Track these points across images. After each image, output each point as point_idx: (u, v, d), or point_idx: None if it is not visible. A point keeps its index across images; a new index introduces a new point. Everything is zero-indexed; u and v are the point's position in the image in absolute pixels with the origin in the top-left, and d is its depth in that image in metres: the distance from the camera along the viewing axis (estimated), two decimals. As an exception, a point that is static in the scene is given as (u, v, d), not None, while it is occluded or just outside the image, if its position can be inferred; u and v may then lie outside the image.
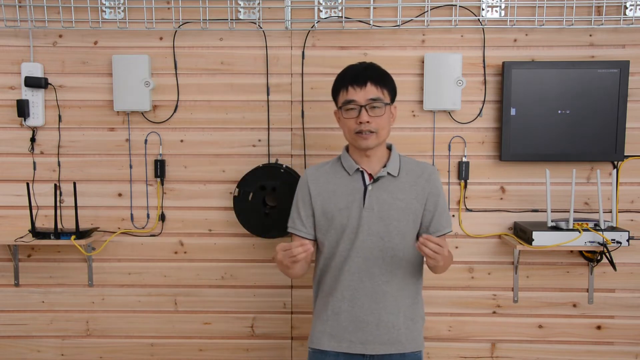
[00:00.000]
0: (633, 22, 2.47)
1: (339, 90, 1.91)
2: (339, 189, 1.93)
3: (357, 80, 1.87)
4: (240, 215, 2.50)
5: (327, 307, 1.94)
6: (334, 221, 1.91)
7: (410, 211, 1.92)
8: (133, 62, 2.50)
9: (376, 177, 1.92)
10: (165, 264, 2.63)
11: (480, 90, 2.53)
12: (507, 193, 2.57)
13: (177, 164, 2.60)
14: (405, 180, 1.93)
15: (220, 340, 2.66)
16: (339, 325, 1.92)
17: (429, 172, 1.97)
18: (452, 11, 2.49)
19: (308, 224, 1.97)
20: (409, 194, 1.92)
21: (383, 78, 1.91)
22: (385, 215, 1.89)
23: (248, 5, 2.50)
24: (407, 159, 2.00)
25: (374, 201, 1.90)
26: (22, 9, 2.52)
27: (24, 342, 2.68)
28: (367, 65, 1.94)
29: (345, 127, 1.91)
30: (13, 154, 2.60)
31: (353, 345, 1.91)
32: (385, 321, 1.90)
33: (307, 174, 2.00)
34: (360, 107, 1.86)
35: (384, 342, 1.91)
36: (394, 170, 1.93)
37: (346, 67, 1.97)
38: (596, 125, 2.46)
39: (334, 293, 1.93)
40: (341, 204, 1.91)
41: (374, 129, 1.86)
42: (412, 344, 1.94)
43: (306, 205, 1.97)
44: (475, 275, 2.61)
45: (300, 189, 2.00)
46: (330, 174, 1.97)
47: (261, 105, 2.56)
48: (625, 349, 2.61)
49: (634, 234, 2.54)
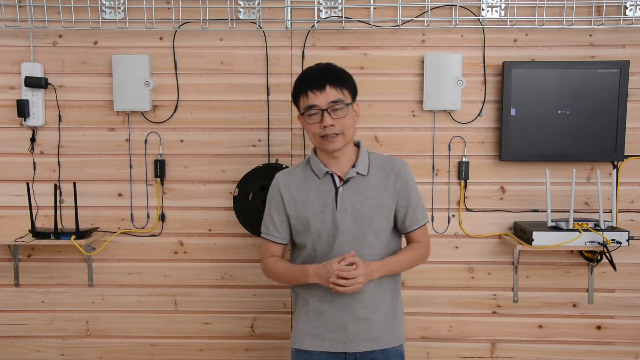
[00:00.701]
0: (633, 22, 2.47)
1: (298, 96, 1.89)
2: (311, 193, 1.93)
3: (316, 85, 1.85)
4: (240, 215, 2.50)
5: (308, 308, 1.95)
6: (309, 226, 1.91)
7: (384, 209, 1.91)
8: (133, 62, 2.50)
9: (346, 178, 1.91)
10: (165, 264, 2.63)
11: (480, 90, 2.53)
12: (507, 193, 2.57)
13: (177, 164, 2.60)
14: (375, 178, 1.93)
15: (220, 340, 2.66)
16: (320, 325, 1.93)
17: (399, 167, 1.96)
18: (452, 11, 2.49)
19: (282, 229, 1.97)
20: (381, 192, 1.92)
21: (341, 78, 1.89)
22: (358, 215, 1.89)
23: (248, 5, 2.50)
24: (376, 155, 1.99)
25: (347, 203, 1.89)
26: (22, 9, 2.52)
27: (24, 342, 2.68)
28: (324, 67, 1.92)
29: (309, 132, 1.89)
30: (13, 154, 2.60)
31: (335, 344, 1.92)
32: (366, 319, 1.91)
33: (277, 179, 1.98)
34: (322, 111, 1.84)
35: (366, 340, 1.91)
36: (363, 170, 1.92)
37: (303, 70, 1.96)
38: (596, 125, 2.46)
39: (314, 294, 1.93)
40: (315, 208, 1.91)
41: (339, 130, 1.85)
42: (393, 339, 1.95)
43: (280, 211, 1.96)
44: (475, 275, 2.61)
45: (272, 195, 1.98)
46: (300, 179, 1.96)
47: (261, 105, 2.56)
48: (625, 349, 2.61)
49: (634, 234, 2.54)
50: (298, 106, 1.92)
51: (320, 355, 1.93)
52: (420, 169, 2.56)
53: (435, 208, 2.58)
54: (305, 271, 1.89)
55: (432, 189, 2.57)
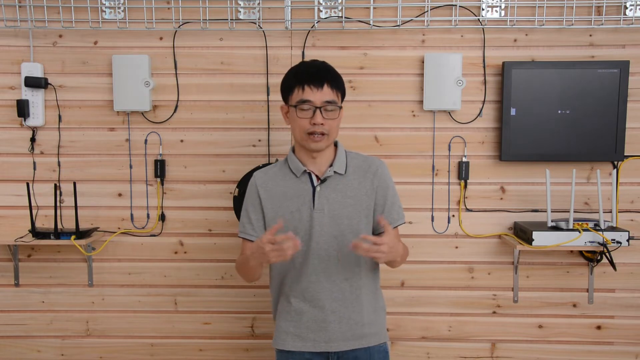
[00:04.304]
0: (633, 22, 2.47)
1: (293, 87, 1.87)
2: (288, 191, 1.92)
3: (315, 81, 1.84)
4: (240, 216, 2.49)
5: (289, 309, 1.93)
6: (286, 225, 1.88)
7: (361, 207, 1.90)
8: (133, 62, 2.50)
9: (323, 177, 1.90)
10: (165, 264, 2.64)
11: (480, 90, 2.53)
12: (507, 193, 2.57)
13: (177, 164, 2.60)
14: (353, 177, 1.92)
15: (220, 340, 2.66)
16: (302, 326, 1.91)
17: (376, 165, 1.94)
18: (452, 11, 2.49)
19: (258, 227, 1.95)
20: (358, 191, 1.91)
21: (338, 81, 1.89)
22: (336, 214, 1.88)
23: (248, 5, 2.50)
24: (354, 154, 1.98)
25: (324, 202, 1.88)
26: (22, 9, 2.52)
27: (24, 342, 2.68)
28: (325, 66, 1.91)
29: (297, 125, 1.87)
30: (13, 154, 2.60)
31: (317, 344, 1.90)
32: (347, 318, 1.90)
33: (255, 177, 1.97)
34: (315, 108, 1.84)
35: (348, 339, 1.90)
36: (340, 169, 1.91)
37: (299, 63, 1.95)
38: (596, 125, 2.46)
39: (294, 295, 1.92)
40: (292, 207, 1.90)
41: (326, 130, 1.85)
42: (375, 337, 1.94)
43: (256, 209, 1.95)
44: (475, 275, 2.61)
45: (250, 193, 1.97)
46: (278, 177, 1.95)
47: (261, 105, 2.56)
48: (625, 349, 2.61)
49: (634, 234, 2.54)
50: (287, 97, 1.90)
51: (303, 355, 1.92)
52: (420, 169, 2.56)
53: (435, 208, 2.58)
54: (245, 255, 1.87)
55: (432, 189, 2.57)
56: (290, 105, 1.89)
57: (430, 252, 2.60)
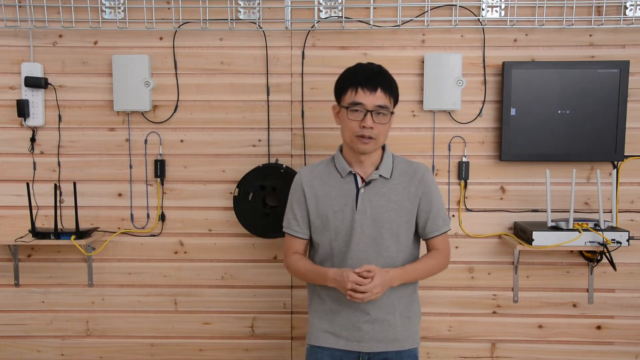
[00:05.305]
0: (633, 22, 2.46)
1: (346, 89, 1.89)
2: (333, 191, 1.94)
3: (369, 84, 1.85)
4: (240, 215, 2.50)
5: (324, 307, 1.96)
6: (328, 223, 1.92)
7: (404, 212, 1.92)
8: (133, 62, 2.50)
9: (368, 180, 1.92)
10: (165, 264, 2.63)
11: (480, 90, 2.53)
12: (507, 193, 2.57)
13: (177, 164, 2.60)
14: (397, 182, 1.94)
15: (220, 340, 2.66)
16: (336, 324, 1.94)
17: (422, 172, 1.96)
18: (452, 11, 2.49)
19: (303, 224, 1.98)
20: (402, 196, 1.92)
21: (392, 86, 1.91)
22: (378, 218, 1.90)
23: (248, 5, 2.50)
24: (400, 158, 2.00)
25: (367, 204, 1.90)
26: (22, 9, 2.52)
27: (24, 342, 2.68)
28: (380, 70, 1.92)
29: (346, 127, 1.90)
30: (13, 154, 2.60)
31: (349, 342, 1.93)
32: (381, 319, 1.92)
33: (301, 175, 2.00)
34: (366, 111, 1.85)
35: (380, 340, 1.92)
36: (386, 173, 1.93)
37: (356, 64, 1.95)
38: (596, 125, 2.46)
39: (330, 293, 1.94)
40: (335, 207, 1.92)
41: (375, 135, 1.86)
42: (408, 341, 1.95)
43: (301, 206, 1.97)
44: (475, 275, 2.61)
45: (295, 190, 2.00)
46: (324, 175, 1.97)
47: (261, 105, 2.56)
48: (625, 349, 2.61)
49: (634, 234, 2.54)
50: (340, 97, 1.91)
51: (334, 352, 1.94)
52: (420, 169, 2.56)
53: (435, 208, 2.58)
54: (324, 275, 1.89)
55: (432, 189, 2.57)
56: (342, 106, 1.90)
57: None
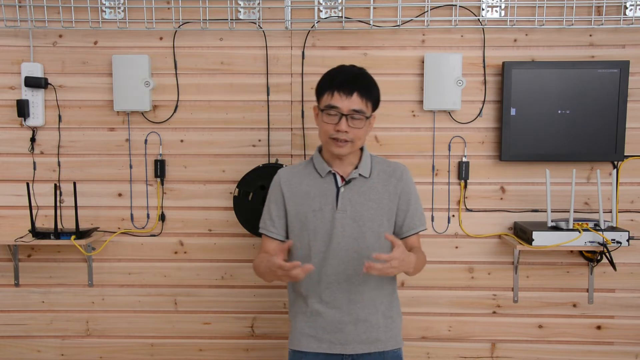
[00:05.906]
0: (633, 22, 2.47)
1: (324, 91, 1.88)
2: (312, 190, 1.93)
3: (345, 88, 1.84)
4: (240, 215, 2.50)
5: (306, 309, 1.94)
6: (307, 223, 1.91)
7: (384, 211, 1.92)
8: (133, 62, 2.50)
9: (348, 179, 1.91)
10: (165, 264, 2.64)
11: (480, 90, 2.53)
12: (507, 193, 2.57)
13: (177, 164, 2.60)
14: (377, 180, 1.93)
15: (220, 340, 2.66)
16: (317, 327, 1.92)
17: (401, 171, 1.96)
18: (452, 11, 2.49)
19: (279, 225, 1.96)
20: (382, 194, 1.92)
21: (370, 90, 1.89)
22: (358, 216, 1.89)
23: (248, 5, 2.50)
24: (379, 159, 2.00)
25: (347, 203, 1.89)
26: (22, 9, 2.52)
27: (24, 342, 2.68)
28: (358, 74, 1.90)
29: (322, 129, 1.89)
30: (13, 154, 2.60)
31: (332, 345, 1.91)
32: (364, 320, 1.91)
33: (279, 175, 1.99)
34: (341, 115, 1.84)
35: (363, 342, 1.91)
36: (365, 172, 1.93)
37: (337, 67, 1.94)
38: (596, 125, 2.46)
39: (311, 295, 1.93)
40: (314, 206, 1.91)
41: (350, 138, 1.85)
42: (390, 341, 1.95)
43: (279, 206, 1.96)
44: (475, 275, 2.61)
45: (273, 190, 1.98)
46: (303, 176, 1.96)
47: (261, 105, 2.56)
48: (625, 349, 2.61)
49: (634, 234, 2.54)
50: (319, 100, 1.91)
51: (318, 356, 1.93)
52: (420, 169, 2.56)
53: (435, 208, 2.58)
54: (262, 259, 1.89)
55: (432, 189, 2.57)
56: (319, 108, 1.90)
57: (430, 252, 2.57)
